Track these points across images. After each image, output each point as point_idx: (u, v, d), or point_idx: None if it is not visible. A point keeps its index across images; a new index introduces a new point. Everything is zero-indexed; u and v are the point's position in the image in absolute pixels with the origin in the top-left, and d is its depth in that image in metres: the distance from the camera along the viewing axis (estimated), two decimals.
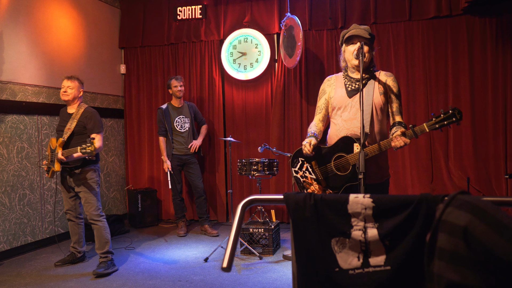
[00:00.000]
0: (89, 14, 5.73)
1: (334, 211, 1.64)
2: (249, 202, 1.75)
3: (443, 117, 2.31)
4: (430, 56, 5.18)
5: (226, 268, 1.59)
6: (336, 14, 5.42)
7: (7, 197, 4.44)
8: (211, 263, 4.15)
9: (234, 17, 5.89)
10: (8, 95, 4.47)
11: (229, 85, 5.98)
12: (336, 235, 1.65)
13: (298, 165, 2.71)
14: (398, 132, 2.44)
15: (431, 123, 2.35)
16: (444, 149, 5.18)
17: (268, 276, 3.75)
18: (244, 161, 4.50)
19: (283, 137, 5.67)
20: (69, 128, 3.88)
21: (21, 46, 4.65)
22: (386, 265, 1.60)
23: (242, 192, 5.87)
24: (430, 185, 5.22)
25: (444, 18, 5.10)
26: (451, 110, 2.30)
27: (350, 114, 2.65)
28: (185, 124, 5.32)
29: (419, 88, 5.21)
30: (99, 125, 3.95)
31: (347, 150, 2.55)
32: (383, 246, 1.60)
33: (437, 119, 2.33)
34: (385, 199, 1.59)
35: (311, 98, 5.59)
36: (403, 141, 2.40)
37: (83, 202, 3.99)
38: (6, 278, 3.84)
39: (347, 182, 2.54)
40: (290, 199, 1.71)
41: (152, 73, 6.28)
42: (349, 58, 2.68)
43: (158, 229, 5.75)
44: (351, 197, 1.62)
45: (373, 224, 1.60)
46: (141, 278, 3.78)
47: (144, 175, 6.30)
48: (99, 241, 3.97)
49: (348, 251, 1.64)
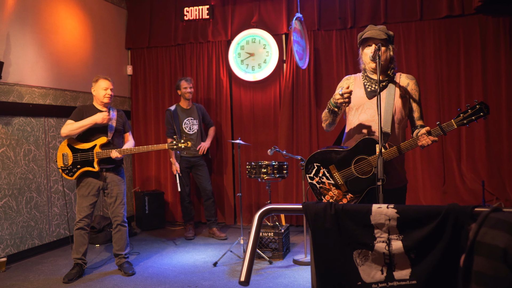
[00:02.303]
0: (95, 15, 5.68)
1: (356, 222, 1.57)
2: (267, 211, 1.68)
3: (471, 112, 2.26)
4: (442, 56, 5.10)
5: (244, 282, 1.53)
6: (345, 14, 5.34)
7: (14, 200, 4.40)
8: (220, 268, 4.09)
9: (241, 17, 5.82)
10: (15, 97, 4.42)
11: (236, 86, 5.91)
12: (358, 247, 1.58)
13: (313, 171, 2.62)
14: (423, 131, 2.37)
15: (459, 119, 2.29)
16: (456, 150, 5.09)
17: (279, 281, 3.68)
18: (253, 164, 4.43)
19: (292, 139, 5.59)
20: (111, 128, 3.90)
21: (28, 48, 4.61)
22: (411, 279, 1.52)
23: (250, 195, 5.80)
24: (442, 188, 5.12)
25: (457, 17, 5.01)
26: (478, 104, 2.26)
27: (368, 115, 2.58)
28: (193, 126, 5.26)
29: (431, 89, 5.12)
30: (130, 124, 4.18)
31: (369, 152, 2.46)
32: (409, 259, 1.52)
33: (465, 114, 2.28)
34: (410, 209, 1.52)
35: (320, 99, 5.51)
36: (430, 140, 2.34)
37: (116, 203, 3.95)
38: (13, 282, 3.79)
39: (370, 185, 2.46)
40: (309, 209, 1.64)
41: (159, 74, 6.22)
42: (366, 61, 2.61)
43: (165, 231, 5.69)
44: (374, 208, 1.55)
45: (398, 236, 1.53)
46: (150, 284, 3.72)
47: (151, 177, 6.24)
48: (123, 243, 4.01)
49: (371, 264, 1.57)
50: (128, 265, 4.00)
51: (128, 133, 4.13)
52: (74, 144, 3.86)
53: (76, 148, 3.84)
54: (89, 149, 3.81)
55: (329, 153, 2.57)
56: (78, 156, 3.81)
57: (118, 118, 4.01)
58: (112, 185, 3.94)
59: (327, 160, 2.57)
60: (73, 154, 3.83)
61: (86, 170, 3.82)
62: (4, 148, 4.30)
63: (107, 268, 4.16)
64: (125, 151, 3.83)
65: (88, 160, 3.80)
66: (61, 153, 3.85)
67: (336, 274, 1.61)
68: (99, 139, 3.83)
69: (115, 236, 4.01)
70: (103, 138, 3.83)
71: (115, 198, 3.96)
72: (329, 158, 2.57)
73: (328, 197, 2.58)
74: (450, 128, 2.33)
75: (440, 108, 5.12)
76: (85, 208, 3.87)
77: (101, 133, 3.87)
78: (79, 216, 3.88)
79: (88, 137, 3.86)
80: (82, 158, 3.81)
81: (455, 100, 5.08)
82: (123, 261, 4.01)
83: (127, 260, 4.05)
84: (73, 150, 3.84)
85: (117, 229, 4.00)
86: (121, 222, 4.00)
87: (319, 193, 2.62)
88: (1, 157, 4.27)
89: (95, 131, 3.86)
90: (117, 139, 3.97)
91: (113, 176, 3.95)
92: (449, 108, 5.09)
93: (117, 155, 3.76)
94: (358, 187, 2.52)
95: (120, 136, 4.03)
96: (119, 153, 3.77)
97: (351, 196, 2.55)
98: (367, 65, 2.62)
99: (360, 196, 2.53)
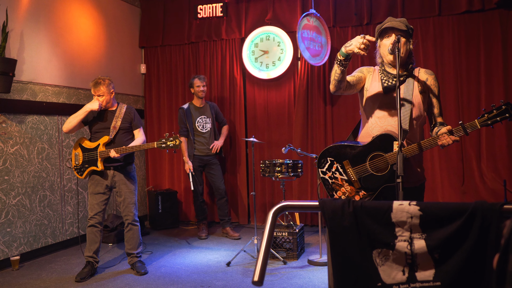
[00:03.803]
0: (109, 13, 5.67)
1: (376, 220, 1.48)
2: (281, 208, 1.60)
3: (496, 113, 2.15)
4: (461, 52, 4.96)
5: (257, 282, 1.45)
6: (361, 9, 5.23)
7: (28, 198, 4.40)
8: (233, 268, 4.02)
9: (255, 15, 5.75)
10: (28, 95, 4.42)
11: (250, 84, 5.84)
12: (378, 246, 1.49)
13: (326, 165, 2.54)
14: (444, 130, 2.27)
15: (483, 120, 2.19)
16: (476, 149, 4.94)
17: (294, 282, 3.60)
18: (267, 162, 4.35)
19: (306, 138, 5.50)
20: (114, 127, 3.85)
21: (42, 46, 4.61)
22: (435, 280, 1.43)
23: (264, 194, 5.73)
24: (461, 188, 4.98)
25: (476, 12, 4.87)
26: (504, 105, 2.15)
27: (385, 111, 2.48)
28: (206, 124, 5.21)
29: (449, 86, 4.98)
30: (141, 121, 4.12)
31: (386, 148, 2.37)
32: (432, 259, 1.43)
33: (490, 115, 2.17)
34: (434, 207, 1.42)
35: (335, 97, 5.41)
36: (451, 139, 2.24)
37: (125, 202, 3.92)
38: (26, 281, 3.78)
39: (384, 183, 2.37)
40: (326, 206, 1.55)
41: (172, 72, 6.19)
42: (384, 53, 2.51)
43: (179, 231, 5.65)
44: (395, 205, 1.46)
45: (421, 235, 1.44)
46: (162, 283, 3.67)
47: (164, 176, 6.21)
48: (135, 242, 3.97)
49: (391, 264, 1.48)
50: (140, 264, 3.96)
51: (137, 129, 4.01)
52: (84, 143, 3.87)
53: (85, 147, 3.84)
54: (94, 148, 3.80)
55: (343, 147, 2.48)
56: (86, 155, 3.82)
57: (125, 115, 3.92)
58: (120, 183, 3.90)
59: (342, 155, 2.48)
60: (83, 154, 3.84)
61: (92, 169, 3.81)
62: (17, 146, 4.30)
63: (120, 267, 4.13)
64: (122, 150, 3.74)
65: (93, 159, 3.79)
66: (74, 152, 3.88)
67: (355, 274, 1.52)
68: (102, 138, 3.80)
69: (127, 235, 3.98)
70: (105, 137, 3.80)
71: (124, 197, 3.92)
72: (343, 153, 2.48)
73: (340, 193, 2.50)
74: (473, 128, 2.23)
75: (459, 106, 4.98)
76: (95, 205, 3.86)
77: (106, 131, 3.85)
78: (90, 214, 3.87)
79: (95, 136, 3.86)
80: (89, 158, 3.81)
81: (475, 98, 4.93)
82: (135, 260, 3.98)
83: (140, 259, 4.01)
84: (83, 150, 3.85)
85: (128, 228, 3.97)
86: (132, 221, 3.96)
87: (331, 188, 2.53)
88: (15, 156, 4.27)
89: (100, 129, 3.85)
90: (122, 137, 3.89)
91: (120, 175, 3.90)
92: (468, 106, 4.95)
93: (115, 155, 3.69)
94: (372, 185, 2.43)
95: (126, 133, 3.94)
96: (116, 153, 3.70)
97: (364, 193, 2.46)
98: (385, 57, 2.51)
99: (373, 193, 2.43)
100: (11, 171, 4.22)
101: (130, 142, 3.93)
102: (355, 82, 2.56)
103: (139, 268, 3.91)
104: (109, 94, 3.85)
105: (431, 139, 2.31)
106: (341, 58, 2.37)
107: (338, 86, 2.46)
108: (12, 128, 4.25)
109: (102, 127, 3.86)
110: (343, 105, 5.39)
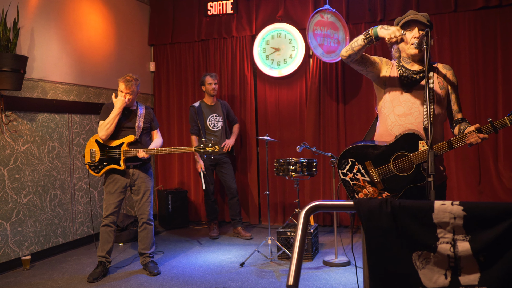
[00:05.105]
0: (118, 10, 5.60)
1: (416, 221, 1.40)
2: (314, 208, 1.53)
3: None
4: (478, 49, 4.86)
5: (292, 286, 1.38)
6: (375, 5, 5.14)
7: (39, 197, 4.34)
8: (247, 268, 3.95)
9: (266, 12, 5.67)
10: (39, 93, 4.37)
11: (261, 82, 5.76)
12: (418, 248, 1.41)
13: (347, 166, 2.45)
14: (472, 128, 2.19)
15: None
16: (493, 148, 4.84)
17: (310, 283, 3.52)
18: (281, 161, 4.28)
19: (318, 136, 5.42)
20: (138, 126, 3.81)
21: (52, 43, 4.55)
22: (480, 285, 1.35)
23: (276, 194, 5.65)
24: (477, 187, 4.88)
25: (493, 8, 4.77)
26: None
27: (404, 109, 2.40)
28: (218, 122, 5.14)
29: (465, 84, 4.88)
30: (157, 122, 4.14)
31: (410, 148, 2.29)
32: (477, 262, 1.35)
33: None
34: (479, 207, 1.34)
35: (348, 95, 5.33)
36: (480, 138, 2.16)
37: (142, 200, 3.87)
38: (38, 281, 3.72)
39: (409, 184, 2.29)
40: (362, 206, 1.48)
41: (182, 70, 6.12)
42: (404, 47, 2.42)
43: (189, 230, 5.58)
44: (436, 205, 1.39)
45: (464, 237, 1.36)
46: (176, 284, 3.60)
47: (174, 176, 6.14)
48: (149, 241, 3.92)
49: (433, 267, 1.40)
50: (153, 265, 3.90)
51: (155, 130, 4.02)
52: (109, 142, 3.78)
53: (104, 144, 3.75)
54: (116, 146, 3.73)
55: (365, 148, 2.40)
56: (105, 153, 3.74)
57: (145, 115, 3.91)
58: (139, 182, 3.85)
59: (363, 156, 2.40)
60: (100, 151, 3.74)
61: (112, 167, 3.73)
62: (28, 145, 4.24)
63: (132, 268, 4.07)
64: (152, 151, 3.73)
65: (115, 157, 3.72)
66: (89, 148, 3.78)
67: (393, 278, 1.44)
68: (127, 137, 3.74)
69: (141, 234, 3.92)
70: (131, 137, 3.74)
71: (142, 195, 3.86)
72: (365, 153, 2.40)
73: (362, 195, 2.42)
74: (503, 126, 2.15)
75: (475, 103, 4.88)
76: (111, 205, 3.79)
77: (129, 130, 3.79)
78: (105, 213, 3.80)
79: (117, 134, 3.77)
80: (109, 155, 3.73)
81: (491, 96, 4.83)
82: (148, 260, 3.91)
83: (152, 260, 3.95)
84: (101, 147, 3.75)
85: (143, 227, 3.91)
86: (147, 220, 3.90)
87: (352, 190, 2.45)
88: (26, 154, 4.22)
89: (123, 128, 3.78)
90: (144, 137, 3.88)
91: (140, 173, 3.85)
92: (485, 104, 4.85)
93: (143, 155, 3.67)
94: (396, 185, 2.35)
95: (147, 133, 3.94)
96: (145, 153, 3.67)
97: (387, 195, 2.38)
98: (406, 51, 2.42)
99: (397, 194, 2.35)
100: (22, 169, 4.17)
101: (151, 142, 3.94)
102: (368, 63, 2.46)
103: (152, 269, 3.84)
104: (136, 94, 3.83)
105: (459, 137, 2.23)
106: (372, 34, 2.28)
107: (350, 55, 2.36)
108: (23, 126, 4.20)
109: (124, 126, 3.80)
110: (356, 104, 5.31)
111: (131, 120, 3.83)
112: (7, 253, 4.01)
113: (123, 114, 3.79)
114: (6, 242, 4.00)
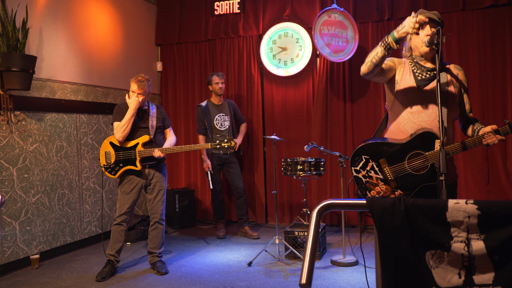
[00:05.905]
0: (126, 10, 5.62)
1: (430, 219, 1.39)
2: (326, 207, 1.52)
3: None
4: (486, 48, 4.82)
5: (305, 285, 1.38)
6: (382, 5, 5.12)
7: (47, 196, 4.36)
8: (255, 268, 3.95)
9: (273, 11, 5.67)
10: (47, 93, 4.38)
11: (268, 82, 5.76)
12: (432, 247, 1.40)
13: (360, 163, 2.44)
14: (488, 129, 2.18)
15: None
16: (502, 147, 4.81)
17: (319, 283, 3.51)
18: (289, 161, 4.27)
19: (325, 136, 5.41)
20: (152, 126, 3.83)
21: (60, 43, 4.57)
22: (495, 284, 1.34)
23: (282, 193, 5.64)
24: (486, 187, 4.85)
25: (503, 6, 4.73)
26: None
27: (419, 106, 2.39)
28: (225, 122, 5.14)
29: (474, 84, 4.84)
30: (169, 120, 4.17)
31: (426, 147, 2.27)
32: (492, 262, 1.34)
33: None
34: (494, 205, 1.33)
35: (355, 94, 5.31)
36: (497, 139, 2.16)
37: (156, 199, 3.89)
38: (47, 280, 3.74)
39: (423, 182, 2.27)
40: (375, 204, 1.47)
41: (189, 70, 6.13)
42: (417, 45, 2.41)
43: (196, 230, 5.59)
44: (450, 203, 1.38)
45: (479, 236, 1.35)
46: (184, 283, 3.60)
47: (181, 175, 6.15)
48: (159, 241, 3.94)
49: (446, 266, 1.39)
50: (161, 264, 3.91)
51: (168, 129, 4.04)
52: (117, 142, 3.78)
53: (119, 146, 3.75)
54: (131, 147, 3.73)
55: (380, 145, 2.39)
56: (120, 154, 3.73)
57: (158, 114, 3.92)
58: (154, 181, 3.88)
59: (378, 153, 2.38)
60: (115, 153, 3.74)
61: (128, 168, 3.74)
62: (37, 144, 4.26)
63: (140, 267, 4.08)
64: (168, 150, 3.73)
65: (130, 158, 3.72)
66: (104, 151, 3.78)
67: (406, 277, 1.44)
68: (142, 138, 3.75)
69: (152, 233, 3.93)
70: (145, 137, 3.74)
71: (156, 195, 3.89)
72: (380, 151, 2.38)
73: (374, 193, 2.41)
74: None
75: (483, 103, 4.85)
76: (125, 204, 3.80)
77: (144, 131, 3.80)
78: (119, 212, 3.81)
79: (131, 135, 3.77)
80: (124, 157, 3.73)
81: (500, 96, 4.79)
82: (156, 259, 3.92)
83: (161, 259, 3.96)
84: (115, 148, 3.75)
85: (154, 227, 3.92)
86: (159, 219, 3.92)
87: (365, 187, 2.44)
88: (34, 153, 4.24)
89: (138, 128, 3.79)
90: (158, 136, 3.90)
91: (156, 173, 3.88)
92: (494, 104, 4.81)
93: (159, 155, 3.68)
94: (410, 184, 2.33)
95: (161, 132, 3.96)
96: (161, 153, 3.68)
97: (400, 193, 2.36)
98: (418, 49, 2.41)
99: (410, 193, 2.34)
100: (30, 169, 4.19)
101: (164, 141, 3.96)
102: (386, 71, 2.46)
103: (160, 268, 3.85)
104: (148, 94, 3.84)
105: (476, 138, 2.22)
106: (391, 41, 2.24)
107: (373, 70, 2.35)
108: (32, 126, 4.22)
109: (138, 127, 3.80)
110: (363, 103, 5.29)
111: (145, 120, 3.83)
112: (16, 252, 4.03)
113: (137, 115, 3.79)
114: (15, 241, 4.03)
